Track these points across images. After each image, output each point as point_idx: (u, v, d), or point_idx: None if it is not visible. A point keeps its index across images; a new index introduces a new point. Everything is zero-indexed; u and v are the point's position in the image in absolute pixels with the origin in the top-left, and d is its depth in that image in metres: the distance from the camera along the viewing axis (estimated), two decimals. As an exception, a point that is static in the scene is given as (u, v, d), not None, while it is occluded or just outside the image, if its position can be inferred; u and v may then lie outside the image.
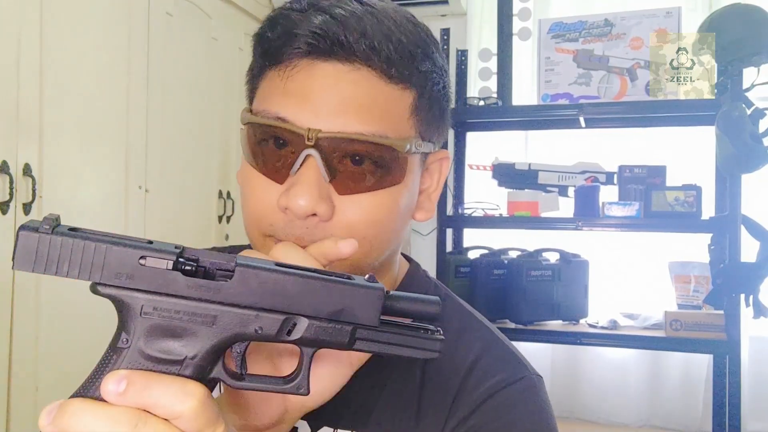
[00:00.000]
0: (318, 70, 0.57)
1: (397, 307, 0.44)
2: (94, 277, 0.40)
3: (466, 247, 2.57)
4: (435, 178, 0.68)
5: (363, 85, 0.57)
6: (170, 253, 0.41)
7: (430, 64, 0.61)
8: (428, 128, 0.63)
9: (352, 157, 0.57)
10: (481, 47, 2.83)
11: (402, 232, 0.64)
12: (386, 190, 0.59)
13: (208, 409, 0.40)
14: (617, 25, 2.25)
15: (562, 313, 2.32)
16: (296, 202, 0.56)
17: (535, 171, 2.37)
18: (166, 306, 0.41)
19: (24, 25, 1.66)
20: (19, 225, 0.40)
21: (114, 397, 0.39)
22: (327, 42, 0.56)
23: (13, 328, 1.63)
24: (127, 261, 0.40)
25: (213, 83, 2.43)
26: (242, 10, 2.63)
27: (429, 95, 0.62)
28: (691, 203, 2.11)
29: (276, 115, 0.58)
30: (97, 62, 1.92)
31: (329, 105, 0.57)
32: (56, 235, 0.39)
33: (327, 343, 0.43)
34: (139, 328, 0.41)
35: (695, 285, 2.28)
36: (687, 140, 2.76)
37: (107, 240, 0.40)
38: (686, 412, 2.93)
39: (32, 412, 1.67)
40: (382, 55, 0.57)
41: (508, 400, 0.61)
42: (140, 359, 0.41)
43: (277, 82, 0.59)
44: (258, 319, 0.42)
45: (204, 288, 0.41)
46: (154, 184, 2.12)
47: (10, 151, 1.62)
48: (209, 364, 0.42)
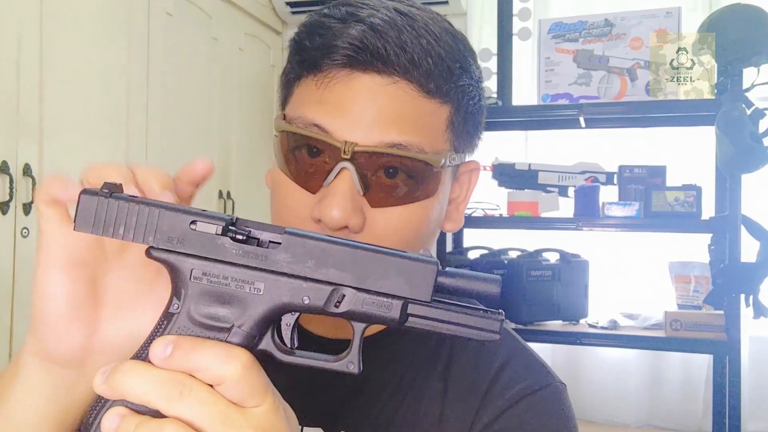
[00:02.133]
0: (356, 81, 0.57)
1: (454, 285, 0.42)
2: (147, 240, 0.41)
3: (466, 247, 2.57)
4: (464, 189, 0.68)
5: (401, 99, 0.57)
6: (220, 219, 0.42)
7: (467, 78, 0.61)
8: (462, 140, 0.63)
9: (387, 170, 0.57)
10: (481, 47, 2.83)
11: (430, 243, 0.64)
12: (418, 203, 0.59)
13: (254, 376, 0.40)
14: (617, 25, 2.25)
15: (562, 313, 2.32)
16: (330, 214, 0.55)
17: (535, 171, 2.37)
18: (215, 271, 0.41)
19: (24, 25, 1.66)
20: (82, 189, 0.42)
21: (160, 361, 0.39)
22: (366, 54, 0.56)
23: (13, 328, 1.63)
24: (178, 225, 0.41)
25: (213, 83, 2.43)
26: (242, 10, 2.63)
27: (465, 110, 0.62)
28: (691, 203, 2.11)
29: (312, 122, 0.58)
30: (97, 62, 1.92)
31: (366, 117, 0.56)
32: (114, 199, 0.41)
33: (376, 317, 0.42)
34: (189, 293, 0.42)
35: (695, 285, 2.28)
36: (687, 140, 2.76)
37: (162, 205, 0.42)
38: (686, 412, 2.94)
39: (32, 412, 1.67)
40: (422, 69, 0.57)
41: (534, 406, 0.61)
42: (189, 325, 0.42)
43: (313, 90, 0.59)
44: (306, 289, 0.42)
45: (251, 254, 0.41)
46: (154, 184, 2.12)
47: (10, 151, 1.62)
48: (257, 333, 0.42)
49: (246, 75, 2.61)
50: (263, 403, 0.40)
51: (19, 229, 1.63)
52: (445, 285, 0.42)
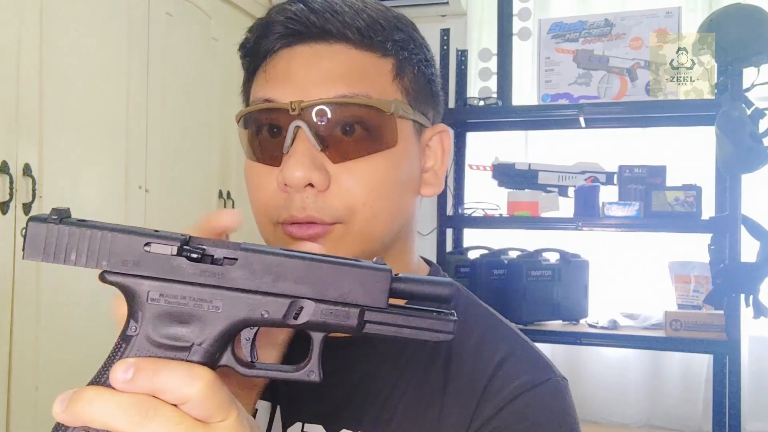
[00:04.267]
0: (296, 53, 0.60)
1: (407, 289, 0.43)
2: (101, 265, 0.41)
3: (466, 247, 2.57)
4: (438, 154, 0.68)
5: (340, 58, 0.60)
6: (175, 240, 0.41)
7: (404, 35, 0.63)
8: (416, 97, 0.64)
9: (341, 124, 0.58)
10: (481, 47, 2.83)
11: (406, 206, 0.64)
12: (380, 154, 0.60)
13: (218, 393, 0.40)
14: (617, 25, 2.25)
15: (562, 313, 2.32)
16: (291, 174, 0.57)
17: (535, 171, 2.37)
18: (172, 292, 0.41)
19: (24, 25, 1.66)
20: (29, 216, 0.41)
21: (122, 385, 0.39)
22: (301, 25, 0.60)
23: (13, 328, 1.63)
24: (132, 248, 0.41)
25: (213, 83, 2.43)
26: (242, 10, 2.63)
27: (410, 63, 0.64)
28: (691, 203, 2.11)
29: (262, 98, 0.61)
30: (97, 62, 1.92)
31: (310, 79, 0.59)
32: (64, 225, 0.41)
33: (335, 326, 0.43)
34: (147, 315, 0.41)
35: (695, 285, 2.28)
36: (687, 140, 2.76)
37: (113, 228, 0.41)
38: (686, 411, 2.93)
39: (32, 412, 1.67)
40: (354, 28, 0.60)
41: (534, 401, 0.61)
42: (149, 346, 0.41)
43: (261, 75, 0.63)
44: (264, 304, 0.42)
45: (208, 273, 0.41)
46: (154, 184, 2.12)
47: (10, 151, 1.62)
48: (218, 350, 0.42)
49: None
50: (228, 417, 0.40)
51: (19, 229, 1.63)
52: (399, 290, 0.43)
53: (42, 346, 1.70)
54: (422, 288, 0.43)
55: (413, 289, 0.43)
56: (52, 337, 1.73)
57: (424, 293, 0.44)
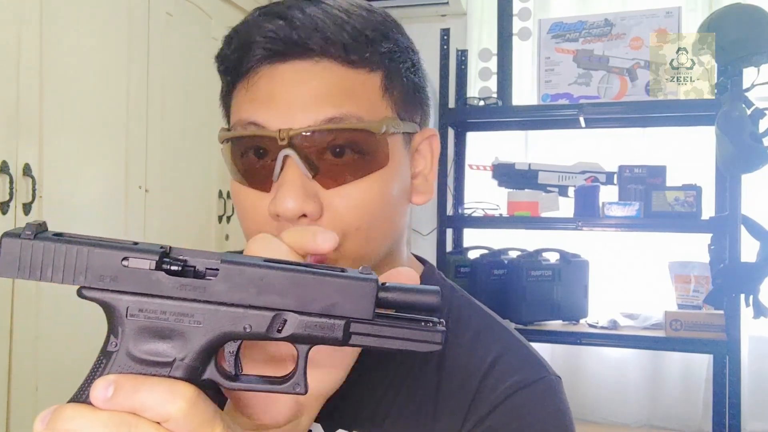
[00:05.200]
0: (279, 72, 0.58)
1: (394, 299, 0.42)
2: (78, 281, 0.40)
3: (466, 247, 2.57)
4: (428, 159, 0.67)
5: (326, 77, 0.57)
6: (153, 253, 0.40)
7: (390, 44, 0.61)
8: (405, 107, 0.62)
9: (331, 148, 0.57)
10: (481, 47, 2.83)
11: (399, 221, 0.63)
12: (371, 176, 0.58)
13: (200, 409, 0.40)
14: (617, 25, 2.25)
15: (562, 313, 2.32)
16: (284, 206, 0.55)
17: (535, 171, 2.37)
18: (152, 307, 0.40)
19: (24, 25, 1.66)
20: (2, 233, 0.40)
21: (103, 403, 0.38)
22: (282, 44, 0.57)
23: (13, 328, 1.63)
24: (109, 263, 0.40)
25: (213, 83, 2.42)
26: (242, 10, 2.63)
27: (398, 74, 0.61)
28: (691, 203, 2.11)
29: (247, 121, 0.58)
30: (97, 62, 1.92)
31: (296, 102, 0.57)
32: (38, 240, 0.39)
33: (320, 339, 0.42)
34: (127, 331, 0.40)
35: (695, 285, 2.28)
36: (687, 140, 2.76)
37: (90, 243, 0.40)
38: (686, 411, 2.94)
39: (32, 412, 1.67)
40: (338, 44, 0.57)
41: (527, 400, 0.61)
42: (130, 362, 0.40)
43: (243, 93, 0.60)
44: (246, 317, 0.41)
45: (189, 287, 0.40)
46: (154, 184, 2.12)
47: (10, 151, 1.62)
48: (200, 364, 0.41)
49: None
50: None
51: (19, 229, 1.63)
52: (386, 300, 0.42)
53: (42, 346, 1.70)
54: (409, 297, 0.42)
55: (400, 299, 0.42)
56: (52, 337, 1.73)
57: (412, 302, 0.42)
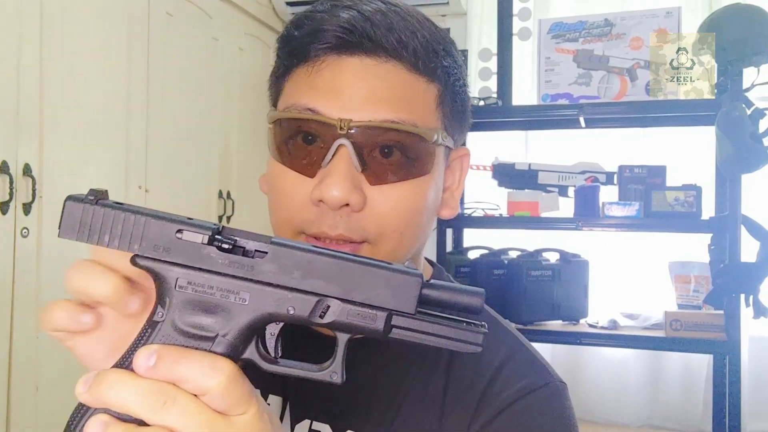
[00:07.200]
0: (346, 64, 0.58)
1: (437, 297, 0.42)
2: (132, 248, 0.41)
3: (466, 247, 2.57)
4: (457, 176, 0.68)
5: (390, 78, 0.58)
6: (207, 229, 0.41)
7: (451, 60, 0.63)
8: (452, 123, 0.64)
9: (383, 147, 0.58)
10: (481, 47, 2.83)
11: (427, 229, 0.64)
12: (415, 180, 0.60)
13: (238, 386, 0.40)
14: (617, 25, 2.25)
15: (562, 313, 2.32)
16: (330, 193, 0.56)
17: (535, 171, 2.37)
18: (200, 281, 0.41)
19: (24, 25, 1.66)
20: (67, 195, 0.41)
21: (144, 371, 0.39)
22: (355, 36, 0.57)
23: (13, 328, 1.63)
24: (164, 234, 0.41)
25: (213, 83, 2.43)
26: (242, 10, 2.63)
27: (452, 90, 0.63)
28: (691, 203, 2.11)
29: (306, 107, 0.59)
30: (97, 62, 1.92)
31: (358, 97, 0.57)
32: (99, 206, 0.41)
33: (361, 328, 0.42)
34: (174, 302, 0.41)
35: (695, 285, 2.28)
36: (687, 140, 2.76)
37: (148, 213, 0.41)
38: (686, 412, 2.94)
39: (32, 412, 1.67)
40: (409, 49, 0.58)
41: (532, 405, 0.61)
42: (174, 334, 0.41)
43: (304, 78, 0.60)
44: (290, 300, 0.41)
45: (237, 264, 0.41)
46: (154, 184, 2.12)
47: (10, 151, 1.62)
48: (241, 343, 0.42)
49: (246, 75, 2.61)
50: (248, 411, 0.40)
51: (19, 229, 1.63)
52: (429, 297, 0.42)
53: (42, 346, 1.70)
54: (453, 296, 0.43)
55: (444, 297, 0.43)
56: (52, 338, 1.73)
57: (455, 302, 0.43)
